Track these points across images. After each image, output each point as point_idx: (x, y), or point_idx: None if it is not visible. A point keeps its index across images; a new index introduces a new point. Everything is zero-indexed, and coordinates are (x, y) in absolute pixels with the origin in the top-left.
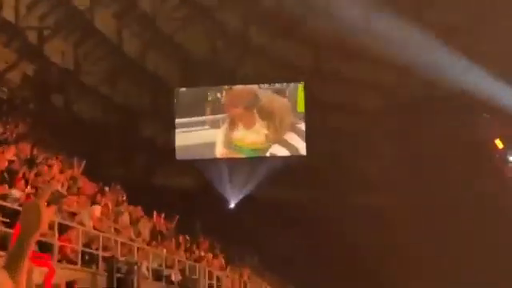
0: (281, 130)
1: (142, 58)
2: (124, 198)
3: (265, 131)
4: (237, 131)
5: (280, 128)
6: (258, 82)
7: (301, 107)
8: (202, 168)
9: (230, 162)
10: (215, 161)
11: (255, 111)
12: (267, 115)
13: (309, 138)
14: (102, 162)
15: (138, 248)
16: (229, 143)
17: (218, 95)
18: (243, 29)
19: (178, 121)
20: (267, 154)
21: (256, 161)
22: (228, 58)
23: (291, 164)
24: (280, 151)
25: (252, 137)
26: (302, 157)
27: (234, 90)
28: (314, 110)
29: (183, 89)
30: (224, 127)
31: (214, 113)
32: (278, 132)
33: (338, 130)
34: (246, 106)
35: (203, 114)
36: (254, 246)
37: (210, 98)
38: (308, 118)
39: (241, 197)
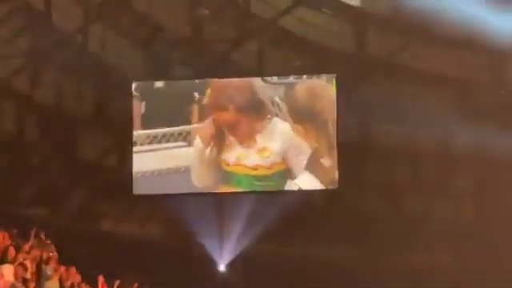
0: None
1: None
2: (52, 254)
3: (298, 145)
4: (228, 150)
5: (333, 140)
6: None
7: None
8: (173, 208)
9: (219, 198)
10: (195, 197)
11: (284, 108)
12: (307, 115)
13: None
14: (18, 198)
15: None
16: (214, 167)
17: (196, 95)
18: None
19: (136, 133)
20: (287, 187)
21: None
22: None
23: (311, 201)
24: (308, 182)
25: (253, 156)
26: (331, 192)
27: (223, 83)
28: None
29: (145, 83)
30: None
31: (190, 121)
32: (328, 148)
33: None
34: (240, 108)
35: (176, 124)
36: None
37: (187, 98)
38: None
39: (235, 255)
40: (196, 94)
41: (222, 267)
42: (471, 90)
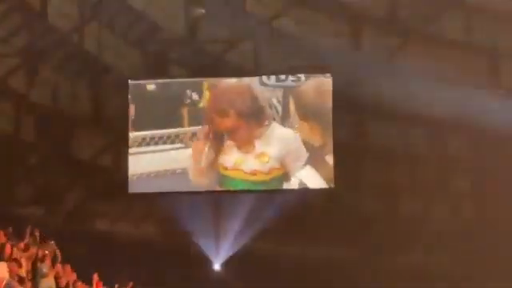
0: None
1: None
2: (47, 252)
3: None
4: (226, 153)
5: (330, 139)
6: (260, 74)
7: None
8: (169, 207)
9: (216, 197)
10: (190, 196)
11: (291, 103)
12: (309, 112)
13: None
14: (14, 197)
15: None
16: (211, 170)
17: (195, 96)
18: None
19: (132, 135)
20: (285, 186)
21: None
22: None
23: (308, 200)
24: (310, 179)
25: (251, 161)
26: (327, 191)
27: (221, 84)
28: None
29: (137, 84)
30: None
31: (185, 123)
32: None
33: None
34: (241, 113)
35: (171, 125)
36: None
37: (183, 99)
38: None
39: (230, 254)
40: (192, 95)
41: (217, 266)
42: (470, 91)
